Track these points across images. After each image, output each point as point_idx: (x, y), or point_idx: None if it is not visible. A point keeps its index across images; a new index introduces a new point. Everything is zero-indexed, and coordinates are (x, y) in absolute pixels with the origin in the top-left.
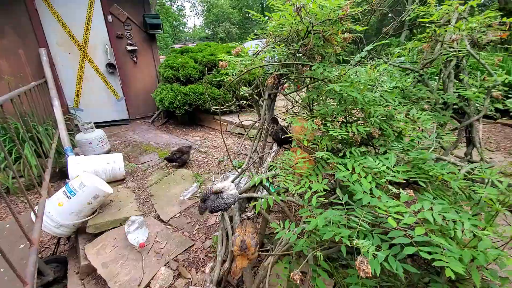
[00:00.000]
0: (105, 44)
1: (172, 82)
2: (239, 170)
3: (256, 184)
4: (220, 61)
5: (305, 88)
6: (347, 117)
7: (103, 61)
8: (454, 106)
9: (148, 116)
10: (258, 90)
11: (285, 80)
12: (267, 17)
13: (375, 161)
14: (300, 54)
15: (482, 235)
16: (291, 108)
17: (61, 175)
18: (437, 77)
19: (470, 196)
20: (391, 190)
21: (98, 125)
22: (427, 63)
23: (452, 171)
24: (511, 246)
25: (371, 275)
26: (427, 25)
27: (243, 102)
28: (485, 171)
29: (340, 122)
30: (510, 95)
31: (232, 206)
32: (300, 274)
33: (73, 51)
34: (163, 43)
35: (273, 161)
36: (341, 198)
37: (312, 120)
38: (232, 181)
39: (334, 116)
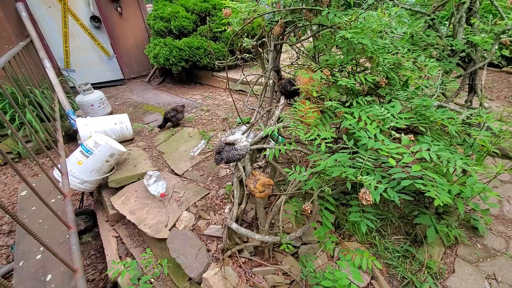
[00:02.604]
0: None
1: (165, 36)
2: (248, 124)
3: (269, 134)
4: (223, 9)
5: (312, 37)
6: (355, 67)
7: (87, 14)
8: (461, 54)
9: (143, 75)
10: (261, 41)
11: (292, 28)
12: None
13: (380, 110)
14: None
15: (472, 170)
16: (296, 60)
17: (67, 139)
18: (447, 22)
19: (465, 140)
20: (394, 135)
21: (93, 86)
22: (439, 6)
23: (451, 117)
24: (495, 184)
25: (371, 203)
26: None
27: (246, 56)
28: (482, 115)
29: (348, 73)
30: None
31: (244, 157)
32: (310, 205)
33: (53, 4)
34: None
35: (281, 114)
36: (347, 143)
37: (321, 71)
38: (242, 134)
39: (342, 66)
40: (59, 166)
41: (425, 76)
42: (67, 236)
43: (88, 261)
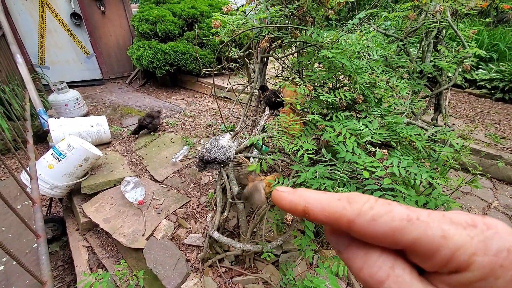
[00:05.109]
0: None
1: (149, 38)
2: (232, 133)
3: (254, 144)
4: (213, 20)
5: (297, 52)
6: (335, 83)
7: (67, 10)
8: (429, 76)
9: (124, 76)
10: (248, 52)
11: (278, 43)
12: None
13: (359, 124)
14: (294, 16)
15: (435, 182)
16: (281, 72)
17: (36, 140)
18: (418, 45)
19: (431, 154)
20: (369, 149)
21: (69, 85)
22: (410, 31)
23: (418, 133)
24: (457, 196)
25: None
26: None
27: (233, 65)
28: (446, 133)
29: (329, 88)
30: (480, 66)
31: (228, 163)
32: (291, 217)
33: None
34: None
35: (266, 124)
36: (325, 156)
37: (305, 85)
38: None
39: (323, 82)
40: (28, 169)
41: (397, 95)
42: (34, 245)
43: (55, 273)
